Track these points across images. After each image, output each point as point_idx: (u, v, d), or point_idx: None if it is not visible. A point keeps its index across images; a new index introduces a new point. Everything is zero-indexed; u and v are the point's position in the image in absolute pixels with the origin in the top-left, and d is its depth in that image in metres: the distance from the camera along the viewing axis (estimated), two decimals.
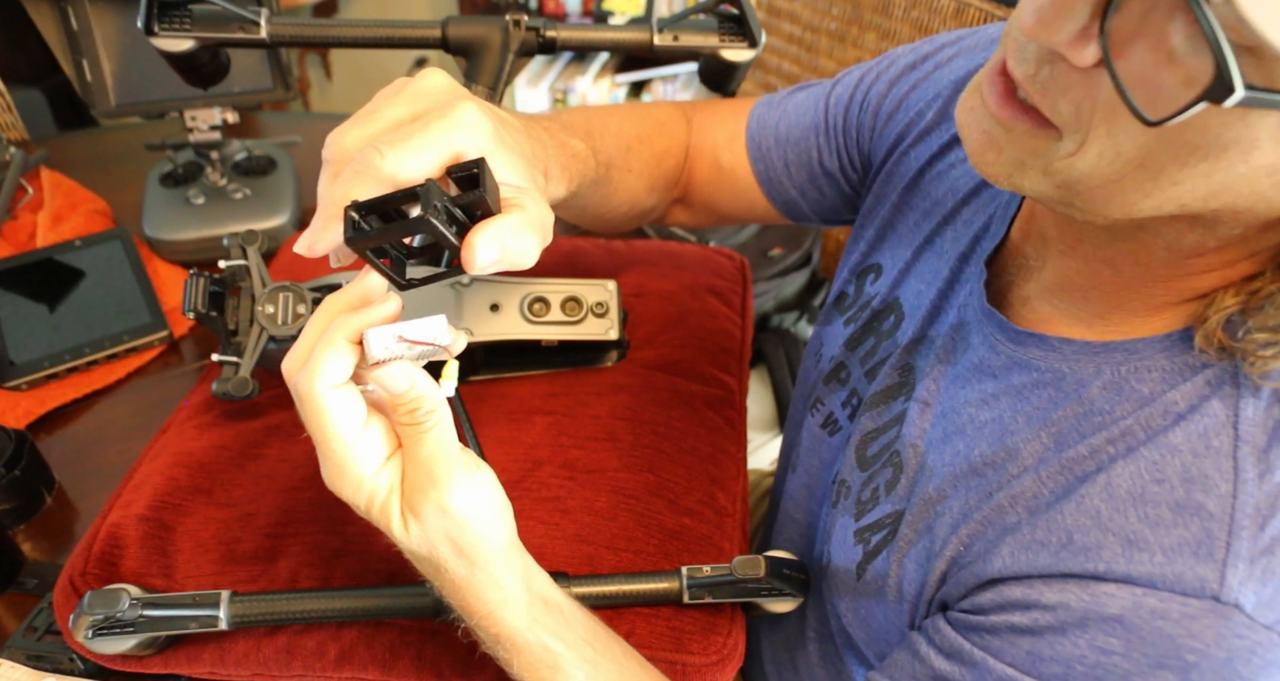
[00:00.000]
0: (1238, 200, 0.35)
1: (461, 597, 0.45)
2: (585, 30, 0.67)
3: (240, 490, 0.63)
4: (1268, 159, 0.33)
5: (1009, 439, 0.48)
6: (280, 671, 0.56)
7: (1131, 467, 0.43)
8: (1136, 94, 0.32)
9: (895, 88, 0.64)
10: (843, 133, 0.68)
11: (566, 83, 2.20)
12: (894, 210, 0.63)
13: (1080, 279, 0.47)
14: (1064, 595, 0.42)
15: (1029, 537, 0.44)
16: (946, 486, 0.50)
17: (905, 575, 0.51)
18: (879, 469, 0.56)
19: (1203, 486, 0.41)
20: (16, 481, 0.71)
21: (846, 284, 0.67)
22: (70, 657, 0.60)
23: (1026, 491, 0.46)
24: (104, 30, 0.89)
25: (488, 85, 0.65)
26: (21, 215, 1.01)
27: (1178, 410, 0.43)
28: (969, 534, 0.47)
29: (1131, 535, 0.41)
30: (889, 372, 0.58)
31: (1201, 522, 0.40)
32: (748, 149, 0.72)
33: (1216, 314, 0.42)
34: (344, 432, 0.41)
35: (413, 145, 0.39)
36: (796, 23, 1.43)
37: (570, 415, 0.69)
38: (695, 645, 0.58)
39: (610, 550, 0.61)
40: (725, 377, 0.76)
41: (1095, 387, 0.45)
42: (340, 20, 0.66)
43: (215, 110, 0.98)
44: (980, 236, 0.56)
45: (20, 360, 0.82)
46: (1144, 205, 0.37)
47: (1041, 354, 0.48)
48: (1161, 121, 0.31)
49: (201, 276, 0.63)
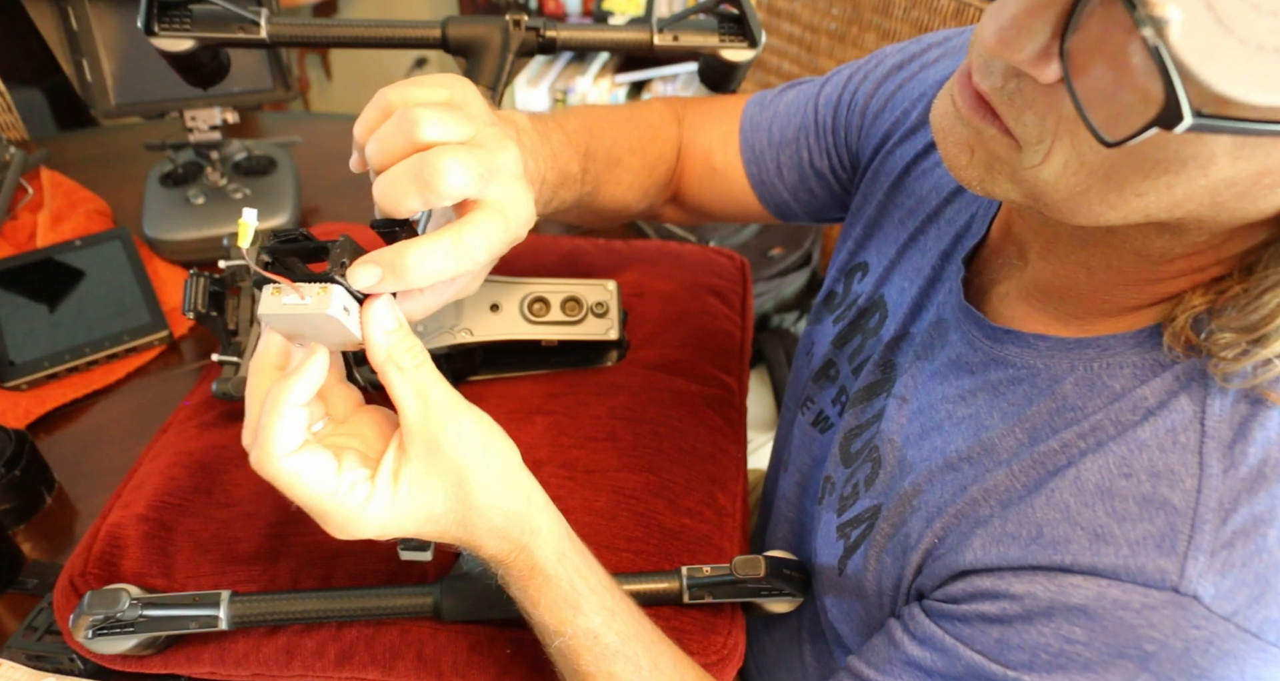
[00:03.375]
0: (1201, 210, 0.36)
1: (505, 533, 0.46)
2: (585, 30, 0.67)
3: (240, 490, 0.63)
4: (1226, 173, 0.33)
5: (984, 434, 0.49)
6: (280, 671, 0.56)
7: (1100, 462, 0.43)
8: (1096, 113, 0.33)
9: (882, 87, 0.65)
10: (831, 132, 0.68)
11: (566, 83, 2.20)
12: (880, 208, 0.63)
13: (1056, 280, 0.48)
14: (1032, 586, 0.43)
15: (1000, 530, 0.45)
16: (923, 481, 0.51)
17: (883, 569, 0.52)
18: (859, 464, 0.57)
19: (1169, 481, 0.42)
20: (16, 481, 0.71)
21: (835, 282, 0.68)
22: (70, 657, 0.60)
23: (999, 485, 0.47)
24: (104, 30, 0.89)
25: (488, 85, 0.65)
26: (21, 215, 1.01)
27: (1147, 406, 0.43)
28: (943, 526, 0.48)
29: (1099, 529, 0.42)
30: (871, 369, 0.59)
31: (1166, 516, 0.41)
32: (741, 151, 0.72)
33: (1184, 313, 0.42)
34: (324, 486, 0.41)
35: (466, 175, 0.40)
36: (796, 23, 1.43)
37: (570, 415, 0.69)
38: (695, 645, 0.58)
39: (610, 550, 0.61)
40: (725, 377, 0.76)
41: (1068, 383, 0.46)
42: (340, 20, 0.66)
43: (215, 110, 0.98)
44: (962, 235, 0.56)
45: (20, 360, 0.82)
46: (1110, 216, 0.38)
47: (1017, 350, 0.49)
48: (1118, 142, 0.32)
49: (201, 276, 0.63)
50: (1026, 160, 0.38)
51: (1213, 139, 0.32)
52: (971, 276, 0.54)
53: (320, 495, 0.41)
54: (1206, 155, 0.33)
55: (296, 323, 0.41)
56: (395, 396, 0.42)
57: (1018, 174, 0.39)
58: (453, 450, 0.43)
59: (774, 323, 1.58)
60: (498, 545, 0.47)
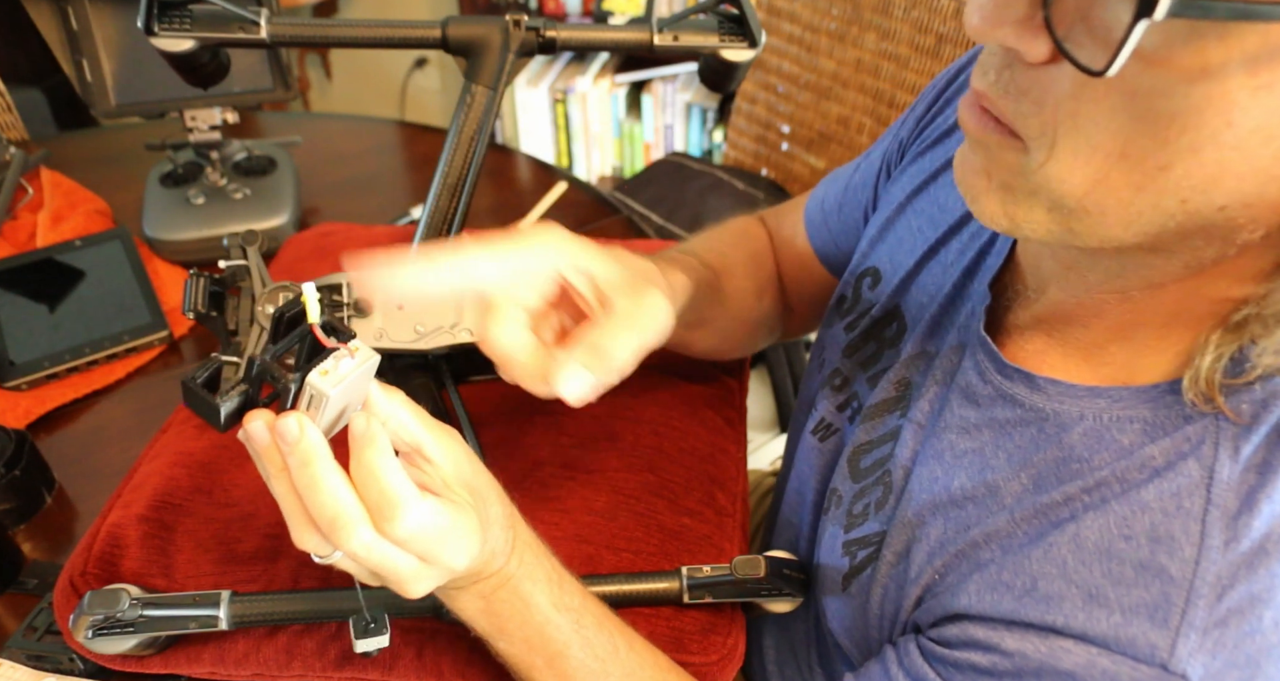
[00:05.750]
0: (1243, 185, 0.33)
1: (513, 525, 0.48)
2: (585, 30, 0.67)
3: (240, 490, 0.63)
4: (1250, 117, 0.31)
5: (989, 474, 0.48)
6: (280, 671, 0.56)
7: (1101, 521, 0.42)
8: (1082, 54, 0.32)
9: (932, 108, 0.63)
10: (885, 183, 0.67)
11: (566, 83, 2.20)
12: (897, 211, 0.62)
13: (1080, 310, 0.46)
14: (1023, 644, 0.43)
15: (995, 577, 0.45)
16: (925, 512, 0.50)
17: (886, 595, 0.52)
18: (871, 485, 0.56)
19: (1168, 548, 0.41)
20: (16, 481, 0.70)
21: (845, 287, 0.66)
22: (70, 657, 0.60)
23: (1001, 530, 0.46)
24: (104, 30, 0.89)
25: (488, 85, 0.65)
26: (21, 215, 1.01)
27: (1154, 465, 0.42)
28: (944, 564, 0.48)
29: (1094, 590, 0.41)
30: (887, 385, 0.58)
31: (1161, 586, 0.40)
32: (806, 230, 0.72)
33: (1214, 352, 0.40)
34: (442, 521, 0.42)
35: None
36: (796, 23, 1.43)
37: (570, 415, 0.69)
38: (695, 645, 0.58)
39: (610, 550, 0.61)
40: (725, 377, 0.76)
41: (1076, 433, 0.45)
42: (340, 20, 0.66)
43: (215, 110, 0.98)
44: (985, 251, 0.54)
45: (20, 360, 0.82)
46: (1141, 204, 0.35)
47: (1027, 392, 0.47)
48: (1108, 66, 0.30)
49: (201, 276, 0.63)
50: (1035, 160, 0.37)
51: (1219, 68, 0.30)
52: (993, 299, 0.52)
53: (451, 529, 0.42)
54: (1220, 93, 0.31)
55: (349, 388, 0.41)
56: (412, 433, 0.44)
57: (1032, 181, 0.37)
58: (468, 454, 0.46)
59: None
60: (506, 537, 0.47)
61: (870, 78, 1.38)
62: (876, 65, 1.37)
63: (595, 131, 2.27)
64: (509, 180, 1.18)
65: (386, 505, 0.40)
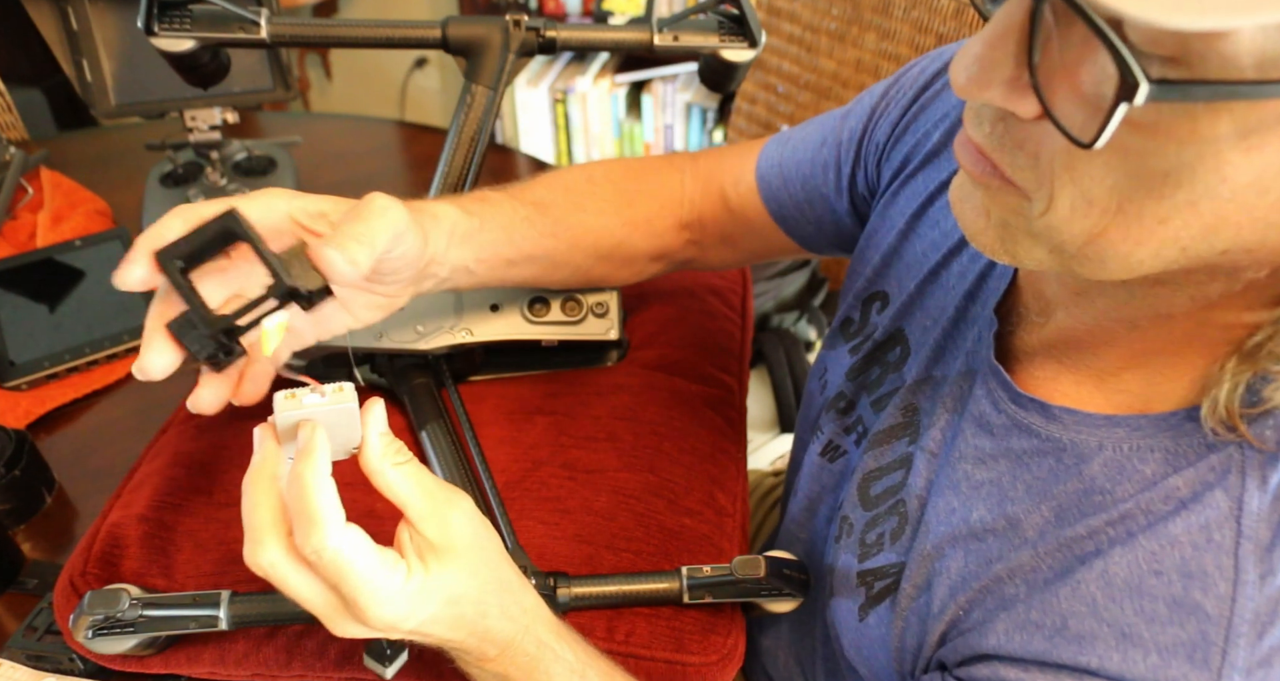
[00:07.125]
0: (1242, 233, 0.33)
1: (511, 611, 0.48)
2: (585, 30, 0.67)
3: (240, 490, 0.63)
4: (1244, 173, 0.31)
5: (1009, 506, 0.47)
6: (280, 671, 0.56)
7: (1129, 556, 0.41)
8: (1072, 124, 0.32)
9: (906, 114, 0.62)
10: (851, 170, 0.66)
11: (566, 83, 2.20)
12: (901, 236, 0.61)
13: (1090, 338, 0.46)
14: None
15: (1024, 617, 0.44)
16: (945, 544, 0.49)
17: (907, 628, 0.51)
18: (884, 514, 0.55)
19: (1201, 584, 0.40)
20: (16, 481, 0.70)
21: (852, 309, 0.65)
22: (70, 657, 0.60)
23: (1025, 565, 0.45)
24: (104, 30, 0.89)
25: (488, 85, 0.65)
26: (21, 215, 1.01)
27: (1180, 496, 0.41)
28: (968, 600, 0.47)
29: (1126, 628, 0.40)
30: (893, 411, 0.57)
31: (1198, 624, 0.39)
32: (758, 188, 0.70)
33: (1231, 380, 0.40)
34: (371, 561, 0.42)
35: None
36: (796, 23, 1.43)
37: (570, 415, 0.69)
38: (695, 645, 0.58)
39: (610, 550, 0.61)
40: (725, 377, 0.76)
41: (1096, 464, 0.44)
42: (340, 20, 0.66)
43: (215, 110, 0.98)
44: (986, 274, 0.54)
45: (20, 360, 0.82)
46: (1141, 254, 0.35)
47: (1042, 422, 0.47)
48: (1094, 139, 0.30)
49: None
50: (1035, 208, 0.36)
51: (1209, 128, 0.30)
52: (999, 324, 0.52)
53: (369, 571, 0.41)
54: (1212, 153, 0.31)
55: (326, 420, 0.43)
56: (395, 491, 0.44)
57: (1032, 227, 0.37)
58: (461, 530, 0.45)
59: (774, 322, 1.58)
60: (504, 627, 0.47)
61: (870, 78, 1.38)
62: (876, 65, 1.37)
63: (595, 131, 2.28)
64: (509, 180, 1.18)
65: (304, 519, 0.40)
